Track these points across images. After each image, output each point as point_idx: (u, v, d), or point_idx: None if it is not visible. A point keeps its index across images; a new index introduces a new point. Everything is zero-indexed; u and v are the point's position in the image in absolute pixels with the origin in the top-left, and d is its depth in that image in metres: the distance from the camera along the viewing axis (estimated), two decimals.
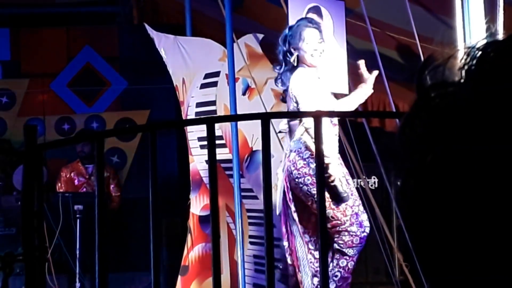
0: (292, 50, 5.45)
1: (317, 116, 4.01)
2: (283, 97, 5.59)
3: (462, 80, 0.79)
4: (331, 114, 5.46)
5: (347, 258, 5.35)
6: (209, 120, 4.18)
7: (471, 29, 4.60)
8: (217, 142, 4.69)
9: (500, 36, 0.81)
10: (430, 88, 0.81)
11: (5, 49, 9.82)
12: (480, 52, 0.79)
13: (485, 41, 0.80)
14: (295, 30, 5.49)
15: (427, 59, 0.84)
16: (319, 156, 3.93)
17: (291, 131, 5.47)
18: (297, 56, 5.45)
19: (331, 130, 5.35)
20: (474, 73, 0.78)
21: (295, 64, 5.46)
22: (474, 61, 0.79)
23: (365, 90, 5.64)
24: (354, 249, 5.35)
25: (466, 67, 0.79)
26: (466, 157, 0.76)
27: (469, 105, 0.77)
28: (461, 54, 0.80)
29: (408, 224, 0.84)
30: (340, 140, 6.51)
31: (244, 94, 6.81)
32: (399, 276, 7.11)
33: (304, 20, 5.57)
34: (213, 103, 7.02)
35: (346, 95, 6.62)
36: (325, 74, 5.61)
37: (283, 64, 5.51)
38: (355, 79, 6.60)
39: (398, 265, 7.14)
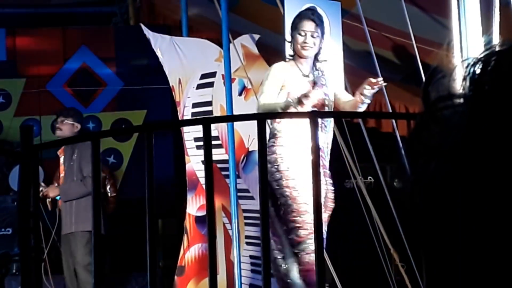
0: (291, 36, 5.56)
1: (313, 117, 4.02)
2: None
3: (467, 92, 0.79)
4: (327, 114, 5.47)
5: (303, 253, 5.37)
6: (205, 120, 4.18)
7: (467, 30, 4.61)
8: (213, 142, 4.69)
9: (501, 44, 0.82)
10: (437, 100, 0.82)
11: (0, 49, 9.81)
12: (483, 64, 0.80)
13: (488, 52, 0.81)
14: (295, 19, 5.59)
15: (432, 70, 0.85)
16: (315, 154, 3.94)
17: None
18: (292, 44, 5.55)
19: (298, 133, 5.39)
20: (478, 85, 0.79)
21: (292, 52, 5.56)
22: (478, 73, 0.79)
23: (355, 102, 5.47)
24: (306, 242, 5.35)
25: (470, 79, 0.80)
26: (474, 169, 0.77)
27: (475, 117, 0.78)
28: (465, 65, 0.81)
29: (417, 237, 0.85)
30: (336, 141, 6.53)
31: (240, 94, 6.82)
32: (395, 277, 7.12)
33: (307, 11, 5.63)
34: (209, 103, 7.02)
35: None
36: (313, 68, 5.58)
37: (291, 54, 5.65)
38: (351, 80, 6.61)
39: (394, 265, 7.15)
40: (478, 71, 0.79)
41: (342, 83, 6.30)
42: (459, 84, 0.80)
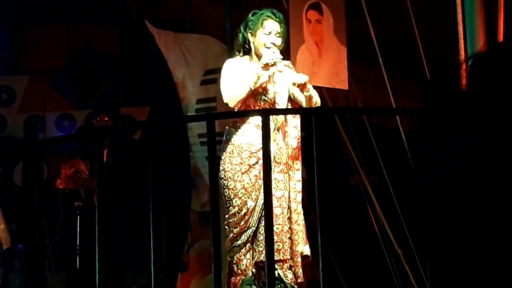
0: (250, 35, 5.40)
1: (315, 113, 4.01)
2: None
3: (473, 88, 0.79)
4: (331, 111, 5.46)
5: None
6: (210, 116, 4.18)
7: (472, 26, 4.60)
8: (217, 138, 4.69)
9: (506, 41, 0.81)
10: (443, 96, 0.82)
11: (4, 46, 9.81)
12: (489, 60, 0.79)
13: (494, 48, 0.80)
14: (257, 17, 5.42)
15: (439, 66, 0.85)
16: (318, 155, 3.93)
17: None
18: (253, 44, 5.40)
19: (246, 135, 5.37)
20: (484, 82, 0.79)
21: (251, 49, 5.42)
22: (484, 70, 0.79)
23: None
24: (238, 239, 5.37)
25: (477, 75, 0.79)
26: (479, 167, 0.77)
27: (481, 114, 0.77)
28: (472, 62, 0.81)
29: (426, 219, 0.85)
30: (340, 137, 6.53)
31: None
32: (399, 272, 7.12)
33: (268, 10, 5.47)
34: (213, 99, 7.02)
35: (346, 91, 6.64)
36: (282, 68, 5.37)
37: (242, 50, 5.47)
38: (355, 76, 6.60)
39: (399, 261, 7.15)
40: (484, 67, 0.79)
41: (346, 80, 6.28)
42: (465, 81, 0.80)
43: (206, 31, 7.66)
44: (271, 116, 5.22)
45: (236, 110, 5.35)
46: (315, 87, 6.27)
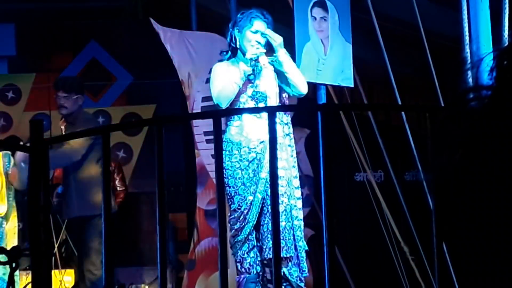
0: (237, 31, 5.50)
1: (322, 110, 4.00)
2: None
3: (495, 83, 0.79)
4: (336, 108, 5.45)
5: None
6: (216, 114, 4.18)
7: (477, 23, 4.60)
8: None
9: None
10: (464, 91, 0.82)
11: (10, 44, 9.81)
12: (510, 55, 0.79)
13: None
14: (246, 15, 5.53)
15: (461, 62, 0.85)
16: (325, 150, 3.93)
17: None
18: (239, 41, 5.51)
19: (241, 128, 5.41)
20: (505, 76, 0.78)
21: (237, 47, 5.52)
22: (505, 64, 0.79)
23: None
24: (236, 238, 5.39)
25: (498, 70, 0.79)
26: (497, 162, 0.77)
27: (501, 109, 0.77)
28: (493, 56, 0.81)
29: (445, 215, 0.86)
30: (346, 133, 6.53)
31: None
32: (405, 269, 7.12)
33: (258, 11, 5.58)
34: None
35: (351, 88, 6.64)
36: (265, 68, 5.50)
37: (229, 48, 5.61)
38: (361, 74, 6.59)
39: (405, 259, 7.15)
40: (505, 62, 0.79)
41: (352, 77, 6.28)
42: (486, 75, 0.80)
43: (211, 28, 7.66)
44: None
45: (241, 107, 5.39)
46: (320, 85, 6.28)
